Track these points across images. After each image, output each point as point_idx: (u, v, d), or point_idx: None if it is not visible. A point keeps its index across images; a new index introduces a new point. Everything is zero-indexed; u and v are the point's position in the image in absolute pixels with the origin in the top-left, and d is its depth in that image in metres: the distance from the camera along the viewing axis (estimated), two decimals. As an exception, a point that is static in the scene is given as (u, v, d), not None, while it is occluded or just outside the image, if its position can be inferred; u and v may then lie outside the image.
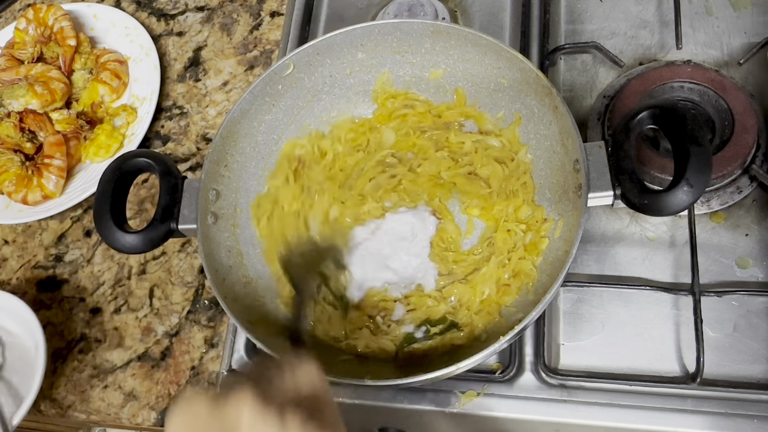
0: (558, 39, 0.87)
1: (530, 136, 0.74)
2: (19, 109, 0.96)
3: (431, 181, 0.76)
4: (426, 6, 0.91)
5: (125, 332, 0.86)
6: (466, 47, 0.74)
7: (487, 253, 0.71)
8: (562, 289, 0.74)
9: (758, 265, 0.71)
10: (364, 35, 0.76)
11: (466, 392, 0.70)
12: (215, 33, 1.04)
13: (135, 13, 1.08)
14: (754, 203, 0.74)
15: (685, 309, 0.70)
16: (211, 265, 0.67)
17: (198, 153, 0.95)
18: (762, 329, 0.69)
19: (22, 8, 1.16)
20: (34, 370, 0.75)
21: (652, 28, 0.86)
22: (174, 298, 0.86)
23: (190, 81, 1.01)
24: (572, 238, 0.61)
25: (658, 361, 0.69)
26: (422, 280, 0.72)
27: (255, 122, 0.77)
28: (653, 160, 0.73)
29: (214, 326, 0.83)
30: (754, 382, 0.67)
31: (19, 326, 0.81)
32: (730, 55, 0.82)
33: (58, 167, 0.93)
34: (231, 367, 0.78)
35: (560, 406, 0.68)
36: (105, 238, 0.67)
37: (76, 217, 0.95)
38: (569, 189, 0.66)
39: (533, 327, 0.71)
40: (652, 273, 0.73)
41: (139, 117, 0.97)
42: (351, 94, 0.81)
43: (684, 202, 0.56)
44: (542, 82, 0.68)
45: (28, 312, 0.79)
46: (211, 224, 0.71)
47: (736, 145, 0.73)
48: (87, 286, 0.90)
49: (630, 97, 0.78)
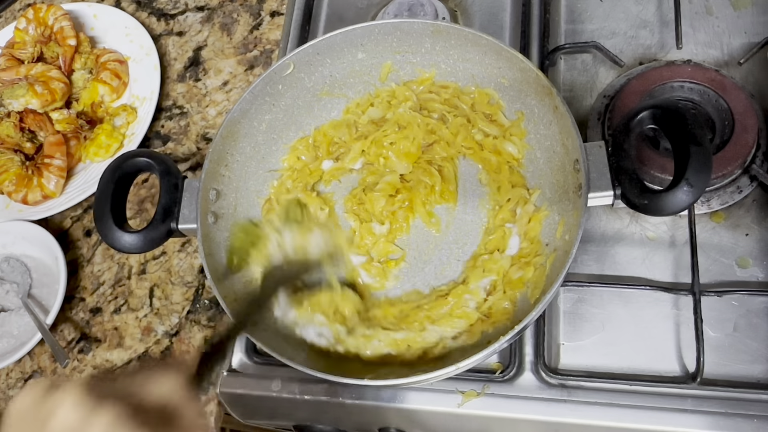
0: (558, 39, 0.87)
1: (530, 136, 0.74)
2: (19, 109, 0.96)
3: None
4: (426, 6, 0.91)
5: (125, 332, 0.86)
6: (466, 47, 0.74)
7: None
8: (562, 289, 0.74)
9: (758, 265, 0.71)
10: (364, 35, 0.76)
11: (466, 392, 0.70)
12: (215, 33, 1.04)
13: (135, 13, 1.08)
14: (754, 203, 0.74)
15: (685, 309, 0.70)
16: (211, 265, 0.67)
17: (198, 153, 0.95)
18: (762, 329, 0.69)
19: (22, 8, 1.16)
20: (58, 279, 0.86)
21: (652, 27, 0.86)
22: (174, 298, 0.86)
23: (190, 81, 1.01)
24: (572, 238, 0.61)
25: (658, 360, 0.69)
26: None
27: (255, 122, 0.77)
28: (653, 160, 0.73)
29: (214, 326, 0.83)
30: (755, 381, 0.67)
31: (37, 247, 0.91)
32: (731, 54, 0.82)
33: (58, 167, 0.93)
34: (231, 367, 0.78)
35: (560, 405, 0.68)
36: (105, 237, 0.67)
37: (76, 217, 0.95)
38: (569, 189, 0.66)
39: (533, 327, 0.71)
40: (652, 273, 0.73)
41: (139, 117, 0.97)
42: (351, 94, 0.82)
43: (684, 201, 0.56)
44: (542, 82, 0.68)
45: (41, 231, 0.90)
46: (211, 224, 0.71)
47: (736, 144, 0.73)
48: (87, 286, 0.90)
49: (630, 97, 0.78)
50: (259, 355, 0.78)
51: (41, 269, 0.92)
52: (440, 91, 0.79)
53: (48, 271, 0.91)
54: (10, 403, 0.45)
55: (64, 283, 0.85)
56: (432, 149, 0.77)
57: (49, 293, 0.89)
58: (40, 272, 0.91)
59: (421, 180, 0.75)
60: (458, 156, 0.76)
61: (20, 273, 0.91)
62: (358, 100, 0.81)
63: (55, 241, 0.88)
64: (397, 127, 0.77)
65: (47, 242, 0.89)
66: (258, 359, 0.78)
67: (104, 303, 0.88)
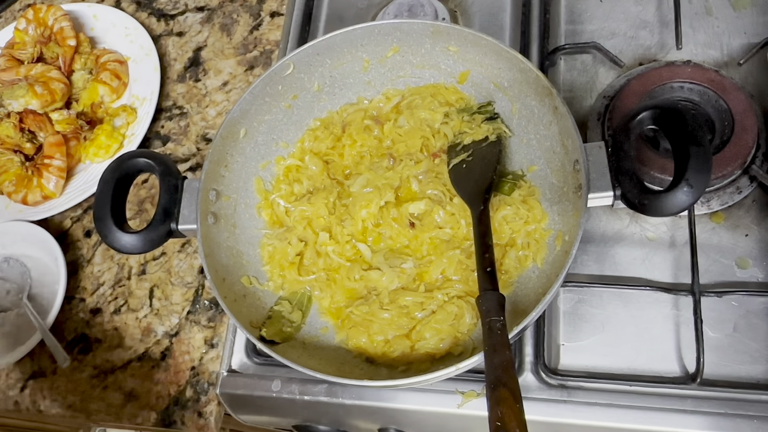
0: (558, 39, 0.87)
1: (530, 136, 0.74)
2: (19, 109, 0.96)
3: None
4: (426, 6, 0.91)
5: (125, 332, 0.86)
6: (466, 47, 0.74)
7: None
8: (562, 289, 0.74)
9: (758, 266, 0.71)
10: (364, 35, 0.76)
11: (466, 393, 0.70)
12: (215, 33, 1.04)
13: (135, 14, 1.08)
14: (754, 203, 0.74)
15: (685, 309, 0.70)
16: (211, 265, 0.67)
17: (198, 153, 0.95)
18: (762, 329, 0.69)
19: (22, 8, 1.16)
20: (58, 280, 0.86)
21: (652, 28, 0.86)
22: (174, 298, 0.86)
23: (190, 81, 1.01)
24: (572, 239, 0.61)
25: (658, 361, 0.69)
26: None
27: (255, 122, 0.77)
28: (653, 161, 0.73)
29: (214, 326, 0.83)
30: (754, 382, 0.67)
31: (37, 247, 0.91)
32: (730, 55, 0.82)
33: (58, 167, 0.93)
34: (231, 368, 0.78)
35: (560, 406, 0.68)
36: (105, 238, 0.67)
37: (76, 217, 0.95)
38: (569, 189, 0.66)
39: (533, 327, 0.71)
40: (652, 273, 0.73)
41: (139, 117, 0.97)
42: (351, 94, 0.82)
43: (684, 202, 0.56)
44: (542, 83, 0.68)
45: (41, 231, 0.89)
46: (211, 224, 0.71)
47: (736, 145, 0.73)
48: (87, 286, 0.90)
49: (630, 98, 0.78)
50: (259, 356, 0.78)
51: (41, 269, 0.92)
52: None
53: (48, 271, 0.91)
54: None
55: (63, 283, 0.85)
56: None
57: (49, 293, 0.89)
58: (40, 272, 0.92)
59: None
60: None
61: (20, 273, 0.91)
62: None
63: (54, 242, 0.88)
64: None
65: (47, 243, 0.89)
66: (258, 359, 0.78)
67: (104, 303, 0.88)
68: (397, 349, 0.67)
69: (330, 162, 0.80)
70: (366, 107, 0.81)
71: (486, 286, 0.61)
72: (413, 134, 0.77)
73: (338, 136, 0.80)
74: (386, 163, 0.77)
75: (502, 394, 0.52)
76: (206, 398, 0.80)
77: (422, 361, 0.67)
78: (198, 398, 0.80)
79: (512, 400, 0.51)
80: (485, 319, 0.58)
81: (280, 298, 0.73)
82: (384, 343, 0.68)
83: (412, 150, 0.77)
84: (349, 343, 0.69)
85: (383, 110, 0.81)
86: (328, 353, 0.69)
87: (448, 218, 0.72)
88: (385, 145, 0.79)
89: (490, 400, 0.52)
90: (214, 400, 0.79)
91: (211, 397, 0.79)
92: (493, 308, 0.58)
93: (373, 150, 0.79)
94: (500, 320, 0.57)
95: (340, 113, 0.82)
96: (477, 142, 0.75)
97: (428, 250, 0.72)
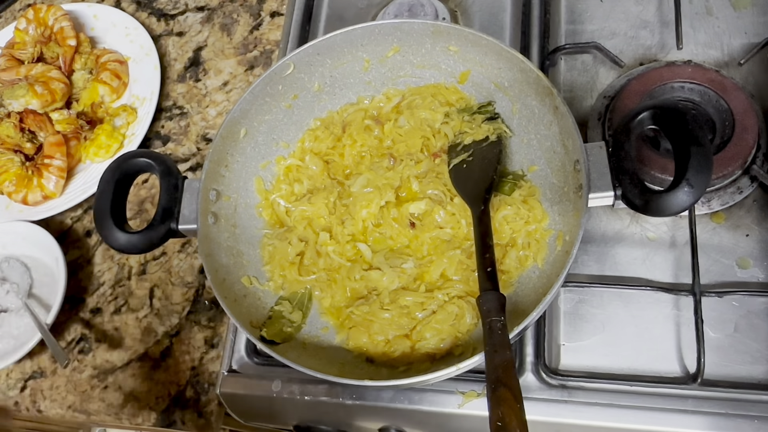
0: (558, 39, 0.87)
1: (531, 136, 0.74)
2: (19, 109, 0.96)
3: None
4: (426, 6, 0.91)
5: (125, 332, 0.86)
6: (467, 47, 0.74)
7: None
8: (563, 289, 0.74)
9: (759, 266, 0.71)
10: (365, 35, 0.76)
11: (466, 393, 0.70)
12: (215, 33, 1.04)
13: (135, 13, 1.08)
14: (754, 203, 0.74)
15: (686, 309, 0.70)
16: (211, 265, 0.67)
17: (198, 153, 0.95)
18: (763, 330, 0.69)
19: (22, 8, 1.16)
20: (58, 280, 0.86)
21: (652, 28, 0.86)
22: (174, 298, 0.86)
23: (190, 81, 1.01)
24: (573, 239, 0.61)
25: (659, 361, 0.69)
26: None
27: (255, 122, 0.77)
28: (654, 161, 0.73)
29: (214, 326, 0.83)
30: (755, 382, 0.67)
31: (37, 247, 0.91)
32: (731, 55, 0.82)
33: (58, 167, 0.93)
34: (231, 368, 0.78)
35: (561, 406, 0.68)
36: (105, 238, 0.67)
37: (76, 217, 0.95)
38: (570, 189, 0.66)
39: (534, 327, 0.71)
40: (652, 273, 0.73)
41: (139, 117, 0.97)
42: (351, 94, 0.82)
43: (685, 202, 0.56)
44: (543, 83, 0.68)
45: (41, 231, 0.90)
46: (211, 224, 0.71)
47: (737, 145, 0.73)
48: (87, 287, 0.90)
49: (630, 98, 0.78)
50: (260, 356, 0.78)
51: (41, 269, 0.92)
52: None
53: (48, 271, 0.91)
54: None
55: (64, 283, 0.85)
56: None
57: (49, 293, 0.89)
58: (40, 272, 0.92)
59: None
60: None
61: (20, 273, 0.91)
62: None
63: (55, 242, 0.88)
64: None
65: (47, 243, 0.89)
66: (258, 359, 0.78)
67: (104, 303, 0.88)
68: (397, 349, 0.67)
69: (330, 162, 0.80)
70: (366, 107, 0.81)
71: (486, 286, 0.61)
72: (413, 134, 0.77)
73: (338, 136, 0.80)
74: (386, 163, 0.77)
75: (502, 394, 0.52)
76: (206, 398, 0.80)
77: (423, 361, 0.67)
78: (198, 398, 0.80)
79: (513, 400, 0.51)
80: (486, 319, 0.58)
81: (280, 298, 0.73)
82: (384, 343, 0.68)
83: (412, 150, 0.77)
84: (349, 343, 0.69)
85: (383, 110, 0.81)
86: (328, 353, 0.69)
87: (448, 218, 0.72)
88: (386, 145, 0.79)
89: (491, 400, 0.52)
90: (215, 400, 0.79)
91: (212, 397, 0.79)
92: (494, 308, 0.58)
93: (373, 150, 0.79)
94: (501, 320, 0.57)
95: (340, 113, 0.82)
96: (477, 142, 0.75)
97: (429, 250, 0.72)
